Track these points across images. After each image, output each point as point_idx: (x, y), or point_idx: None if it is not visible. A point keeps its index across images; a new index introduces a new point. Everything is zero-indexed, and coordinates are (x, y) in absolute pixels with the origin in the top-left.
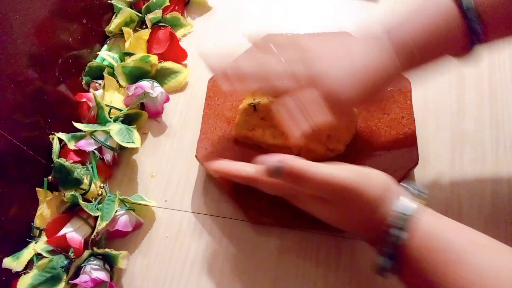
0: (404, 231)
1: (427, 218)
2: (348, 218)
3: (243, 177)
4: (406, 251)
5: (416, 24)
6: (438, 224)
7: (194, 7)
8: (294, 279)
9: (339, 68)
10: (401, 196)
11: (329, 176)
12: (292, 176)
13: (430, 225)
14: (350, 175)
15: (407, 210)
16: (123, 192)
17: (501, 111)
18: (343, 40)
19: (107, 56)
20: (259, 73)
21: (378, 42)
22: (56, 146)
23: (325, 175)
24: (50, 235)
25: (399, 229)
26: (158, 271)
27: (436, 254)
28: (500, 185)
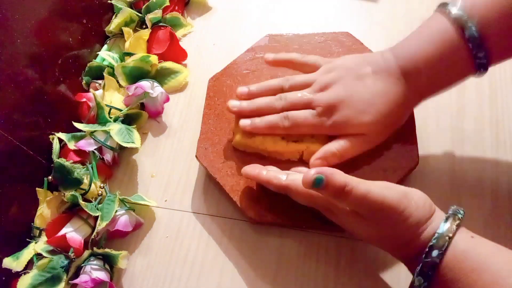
0: (442, 251)
1: (464, 238)
2: (385, 236)
3: (275, 185)
4: (442, 271)
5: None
6: (475, 244)
7: (194, 7)
8: (294, 279)
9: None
10: (438, 215)
11: (372, 193)
12: (332, 189)
13: (467, 246)
14: (393, 195)
15: (445, 230)
16: (123, 192)
17: (501, 111)
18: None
19: (107, 56)
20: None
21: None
22: (56, 146)
23: (368, 191)
24: (50, 235)
25: (437, 249)
26: (158, 271)
27: (472, 275)
28: (500, 185)
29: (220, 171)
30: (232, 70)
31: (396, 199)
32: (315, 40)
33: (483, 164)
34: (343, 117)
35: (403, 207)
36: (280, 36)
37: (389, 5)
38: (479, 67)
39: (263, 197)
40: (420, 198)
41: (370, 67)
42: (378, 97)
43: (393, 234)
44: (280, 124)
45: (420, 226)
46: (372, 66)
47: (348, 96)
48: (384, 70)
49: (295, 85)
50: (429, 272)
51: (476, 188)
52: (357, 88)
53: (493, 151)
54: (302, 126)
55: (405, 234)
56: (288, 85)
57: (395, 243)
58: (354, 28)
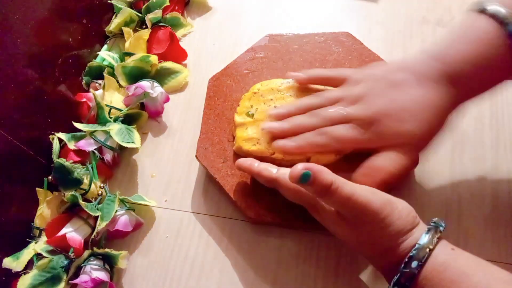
0: (421, 262)
1: (444, 250)
2: (364, 242)
3: (265, 177)
4: (420, 282)
5: (465, 54)
6: (455, 256)
7: (194, 7)
8: (294, 279)
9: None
10: (420, 227)
11: (357, 196)
12: (318, 186)
13: (447, 258)
14: (378, 200)
15: (426, 242)
16: (123, 192)
17: (501, 110)
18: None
19: (107, 56)
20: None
21: (430, 75)
22: (56, 146)
23: (353, 193)
24: (50, 235)
25: (416, 260)
26: (158, 271)
27: (451, 286)
28: (501, 185)
29: (220, 171)
30: (232, 70)
31: (379, 204)
32: (315, 40)
33: (483, 164)
34: (384, 127)
35: (385, 214)
36: (280, 36)
37: (389, 5)
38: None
39: (263, 197)
40: (404, 208)
41: (403, 73)
42: (421, 104)
43: (372, 241)
44: (321, 142)
45: (400, 236)
46: (405, 73)
47: (387, 105)
48: (425, 75)
49: (326, 101)
50: (407, 283)
51: (476, 188)
52: (395, 96)
53: (493, 151)
54: (340, 141)
55: (384, 242)
56: (319, 102)
57: (373, 250)
58: (354, 28)
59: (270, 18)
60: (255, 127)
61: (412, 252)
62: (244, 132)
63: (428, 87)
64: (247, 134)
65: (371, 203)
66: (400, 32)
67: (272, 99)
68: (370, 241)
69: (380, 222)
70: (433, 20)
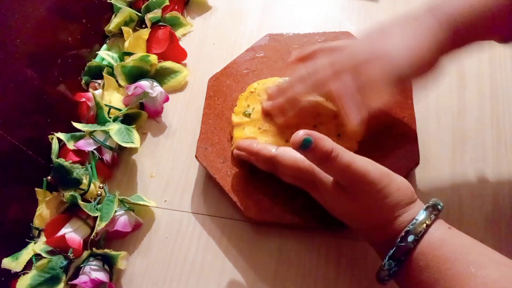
0: (417, 237)
1: (441, 228)
2: (361, 213)
3: (264, 155)
4: (415, 258)
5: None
6: (451, 235)
7: (194, 6)
8: (294, 279)
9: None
10: (418, 204)
11: (356, 164)
12: (319, 153)
13: (444, 235)
14: (376, 171)
15: (424, 218)
16: (123, 192)
17: (502, 110)
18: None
19: (107, 56)
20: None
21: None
22: (55, 146)
23: (352, 161)
24: (49, 235)
25: (413, 234)
26: (158, 271)
27: (445, 264)
28: (501, 185)
29: (220, 171)
30: (232, 70)
31: (378, 175)
32: (315, 40)
33: (483, 164)
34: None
35: (383, 184)
36: (280, 36)
37: (389, 5)
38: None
39: (263, 197)
40: (402, 182)
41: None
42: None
43: (370, 212)
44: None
45: (398, 208)
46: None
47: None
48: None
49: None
50: (402, 257)
51: (476, 188)
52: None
53: (493, 151)
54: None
55: (382, 213)
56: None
57: (370, 222)
58: (354, 28)
59: (270, 18)
60: (252, 126)
61: (409, 227)
62: (242, 132)
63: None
64: (244, 134)
65: (369, 172)
66: None
67: None
68: (368, 213)
69: (378, 192)
70: None
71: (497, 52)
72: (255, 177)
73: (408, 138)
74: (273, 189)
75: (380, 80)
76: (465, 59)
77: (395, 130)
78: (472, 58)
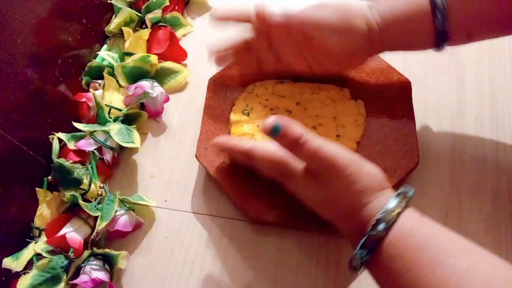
0: (388, 225)
1: (412, 216)
2: (331, 200)
3: (239, 150)
4: (386, 246)
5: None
6: (422, 223)
7: (194, 7)
8: (294, 279)
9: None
10: (388, 191)
11: (324, 149)
12: (288, 139)
13: (415, 224)
14: (345, 156)
15: (394, 205)
16: (123, 192)
17: (501, 110)
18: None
19: (107, 56)
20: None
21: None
22: (55, 146)
23: (321, 147)
24: (49, 235)
25: (384, 222)
26: (158, 271)
27: (416, 252)
28: (501, 185)
29: (220, 171)
30: (232, 70)
31: (347, 160)
32: None
33: (483, 164)
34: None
35: (352, 170)
36: None
37: None
38: (440, 35)
39: (263, 197)
40: (372, 169)
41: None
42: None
43: (339, 198)
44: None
45: (367, 195)
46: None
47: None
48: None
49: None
50: (373, 245)
51: (476, 188)
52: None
53: (493, 151)
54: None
55: (351, 200)
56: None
57: (340, 210)
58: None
59: None
60: (250, 124)
61: (379, 215)
62: (239, 129)
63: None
64: (242, 131)
65: (338, 157)
66: None
67: (268, 99)
68: (337, 200)
69: (346, 178)
70: None
71: (497, 52)
72: (255, 177)
73: (407, 138)
74: (273, 189)
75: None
76: (465, 59)
77: (394, 130)
78: (472, 58)
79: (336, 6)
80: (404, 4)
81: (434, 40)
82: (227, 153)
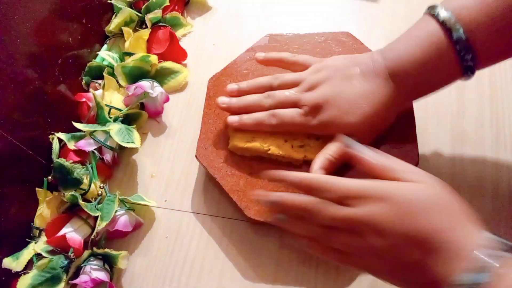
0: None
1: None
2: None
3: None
4: None
5: (410, 55)
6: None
7: (194, 7)
8: (294, 279)
9: (342, 101)
10: (480, 241)
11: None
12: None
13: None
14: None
15: (486, 269)
16: (123, 192)
17: (501, 110)
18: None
19: (107, 56)
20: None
21: (376, 71)
22: (56, 146)
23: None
24: (49, 235)
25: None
26: (158, 271)
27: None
28: (501, 185)
29: (220, 171)
30: (232, 70)
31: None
32: (315, 40)
33: (483, 164)
34: (327, 116)
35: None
36: (280, 36)
37: (389, 5)
38: (466, 70)
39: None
40: (447, 196)
41: (359, 68)
42: (364, 98)
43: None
44: (266, 122)
45: (447, 244)
46: (361, 67)
47: (334, 96)
48: (372, 71)
49: (284, 83)
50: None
51: (476, 188)
52: (344, 88)
53: (493, 151)
54: (288, 124)
55: (428, 254)
56: (277, 84)
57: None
58: (354, 28)
59: (270, 18)
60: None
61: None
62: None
63: (372, 82)
64: (241, 135)
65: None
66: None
67: None
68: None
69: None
70: None
71: None
72: (255, 177)
73: (408, 138)
74: (273, 189)
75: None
76: None
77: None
78: None
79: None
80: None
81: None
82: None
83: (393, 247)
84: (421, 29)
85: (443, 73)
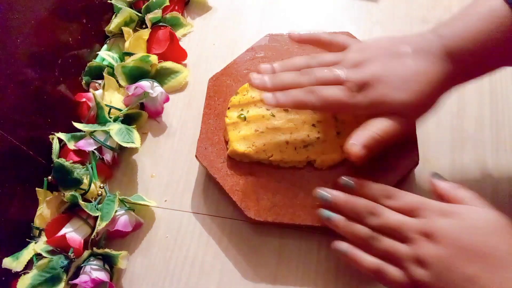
0: None
1: None
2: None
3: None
4: None
5: (471, 32)
6: None
7: (194, 7)
8: (294, 279)
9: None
10: None
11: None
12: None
13: None
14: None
15: None
16: (123, 192)
17: (501, 110)
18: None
19: (107, 56)
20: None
21: (430, 49)
22: (56, 146)
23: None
24: (50, 235)
25: None
26: (158, 271)
27: None
28: (501, 185)
29: (220, 171)
30: (232, 70)
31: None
32: None
33: (483, 164)
34: (378, 94)
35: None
36: (280, 36)
37: (389, 5)
38: None
39: (263, 197)
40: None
41: (409, 46)
42: (419, 75)
43: None
44: (307, 100)
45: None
46: (412, 46)
47: (385, 73)
48: (426, 49)
49: (323, 62)
50: None
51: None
52: (395, 66)
53: (493, 151)
54: (330, 102)
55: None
56: (316, 63)
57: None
58: (354, 28)
59: (270, 18)
60: (248, 128)
61: None
62: (237, 133)
63: (426, 60)
64: (240, 135)
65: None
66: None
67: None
68: None
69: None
70: (433, 20)
71: None
72: (255, 177)
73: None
74: (273, 189)
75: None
76: None
77: None
78: None
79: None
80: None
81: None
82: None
83: (451, 256)
84: (482, 5)
85: (502, 50)
